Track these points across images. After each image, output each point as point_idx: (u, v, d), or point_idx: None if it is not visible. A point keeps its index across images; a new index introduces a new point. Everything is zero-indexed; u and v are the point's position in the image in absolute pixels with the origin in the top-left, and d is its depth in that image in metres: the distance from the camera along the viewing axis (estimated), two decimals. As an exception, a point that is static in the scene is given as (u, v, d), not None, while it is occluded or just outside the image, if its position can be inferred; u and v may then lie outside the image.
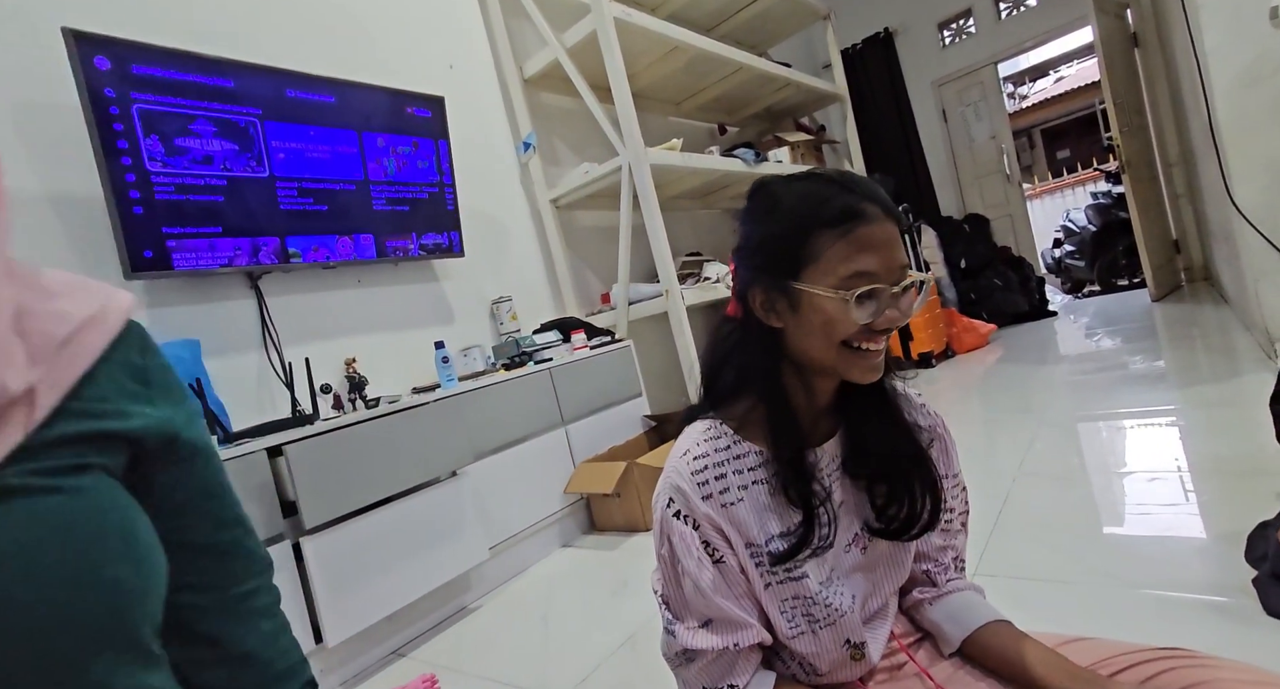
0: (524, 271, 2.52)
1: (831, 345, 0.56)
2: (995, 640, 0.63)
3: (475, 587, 1.70)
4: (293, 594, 1.28)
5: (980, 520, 1.34)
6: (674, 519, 0.60)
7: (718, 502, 0.60)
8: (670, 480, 0.61)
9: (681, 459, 0.61)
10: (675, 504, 0.60)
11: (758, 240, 0.60)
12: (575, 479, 1.98)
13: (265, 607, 0.50)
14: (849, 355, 0.57)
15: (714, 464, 0.60)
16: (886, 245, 0.54)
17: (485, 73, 2.53)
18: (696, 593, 0.59)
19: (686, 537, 0.59)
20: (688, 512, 0.59)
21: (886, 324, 0.55)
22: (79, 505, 0.34)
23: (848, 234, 0.54)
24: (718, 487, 0.60)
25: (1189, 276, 4.18)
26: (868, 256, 0.54)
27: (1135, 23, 3.98)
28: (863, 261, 0.54)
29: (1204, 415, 1.76)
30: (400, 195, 1.92)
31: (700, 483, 0.60)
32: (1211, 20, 1.97)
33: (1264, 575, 0.94)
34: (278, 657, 0.49)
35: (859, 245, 0.54)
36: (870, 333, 0.56)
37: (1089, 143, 9.32)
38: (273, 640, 0.49)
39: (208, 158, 1.45)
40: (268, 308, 1.70)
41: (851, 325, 0.55)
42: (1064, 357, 3.05)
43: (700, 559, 0.59)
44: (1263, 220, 1.96)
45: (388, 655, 1.47)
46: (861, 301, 0.54)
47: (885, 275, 0.54)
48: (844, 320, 0.54)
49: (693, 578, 0.59)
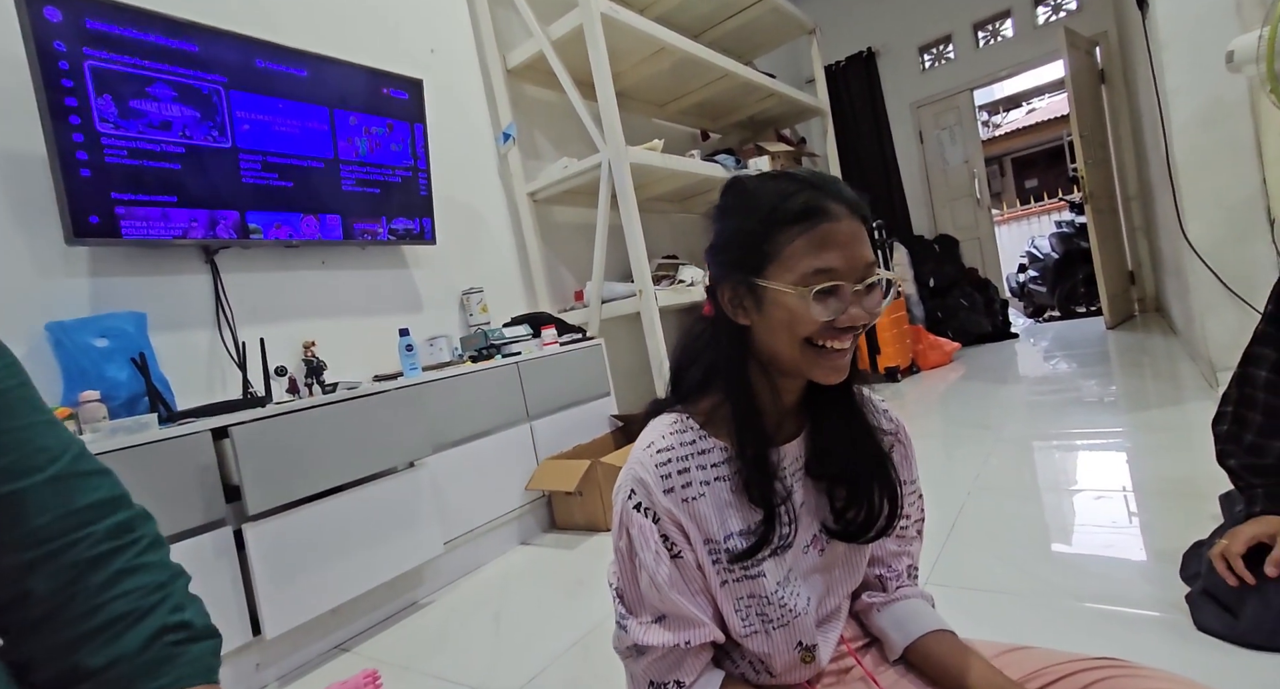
0: (497, 263, 2.48)
1: (795, 343, 0.56)
2: (937, 650, 0.64)
3: (428, 581, 1.65)
4: (231, 583, 1.23)
5: (935, 530, 1.36)
6: (634, 512, 0.59)
7: (679, 496, 0.59)
8: (633, 472, 0.60)
9: (645, 451, 0.60)
10: (636, 496, 0.59)
11: (726, 237, 0.60)
12: (538, 476, 1.95)
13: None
14: (813, 354, 0.56)
15: (678, 458, 0.60)
16: (850, 242, 0.54)
17: (467, 60, 2.49)
18: (652, 588, 0.58)
19: (646, 530, 0.58)
20: (649, 505, 0.58)
21: (849, 322, 0.55)
22: None
23: (810, 231, 0.54)
24: (680, 480, 0.59)
25: (1142, 307, 4.36)
26: (830, 253, 0.54)
27: (1103, 60, 4.15)
28: (824, 258, 0.54)
29: (1149, 439, 1.83)
30: (371, 177, 1.86)
31: (663, 476, 0.59)
32: (1173, 61, 2.06)
33: (1196, 592, 0.97)
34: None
35: (821, 242, 0.54)
36: (833, 331, 0.55)
37: (1056, 173, 9.69)
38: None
39: (165, 123, 1.38)
40: (223, 284, 1.63)
41: (813, 323, 0.54)
42: (1023, 377, 3.14)
43: (658, 553, 0.58)
44: (1211, 256, 2.05)
45: (330, 650, 1.41)
46: (822, 298, 0.54)
47: (848, 273, 0.54)
48: (805, 317, 0.54)
49: (649, 572, 0.58)
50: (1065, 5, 4.35)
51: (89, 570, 0.43)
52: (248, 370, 1.56)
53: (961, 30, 4.70)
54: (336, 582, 1.37)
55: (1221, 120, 1.99)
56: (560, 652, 1.21)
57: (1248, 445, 0.97)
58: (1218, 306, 2.05)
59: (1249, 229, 1.98)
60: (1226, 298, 2.02)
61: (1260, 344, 0.98)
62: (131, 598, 0.44)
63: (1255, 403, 0.97)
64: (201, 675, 0.45)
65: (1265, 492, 0.94)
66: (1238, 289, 2.00)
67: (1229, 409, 1.00)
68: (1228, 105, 1.96)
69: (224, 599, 1.21)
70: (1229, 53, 1.59)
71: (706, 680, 0.61)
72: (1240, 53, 1.55)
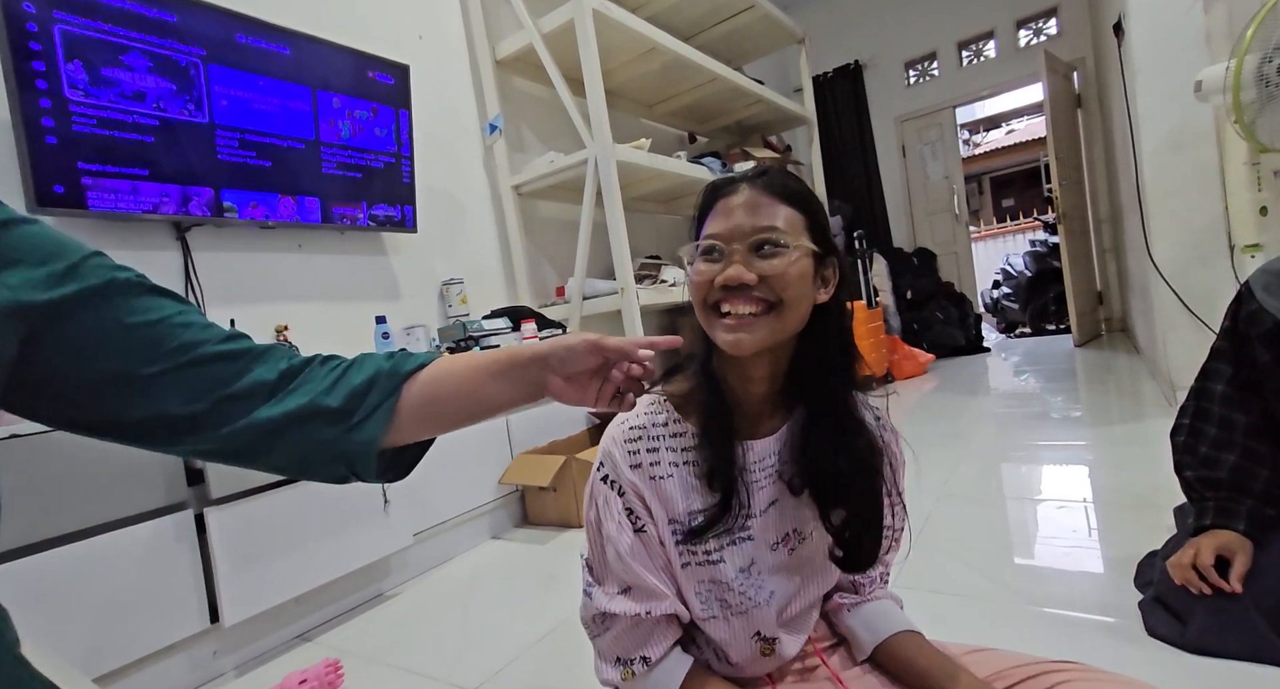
0: (479, 255, 2.46)
1: (701, 310, 0.59)
2: (904, 650, 0.66)
3: (395, 573, 1.63)
4: (190, 568, 1.19)
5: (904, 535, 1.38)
6: (601, 483, 0.61)
7: (647, 473, 0.60)
8: (604, 446, 0.62)
9: (619, 427, 0.62)
10: (604, 469, 0.61)
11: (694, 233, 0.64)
12: (512, 470, 1.94)
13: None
14: (712, 318, 0.58)
15: (649, 436, 0.61)
16: (740, 209, 0.57)
17: (456, 48, 2.47)
18: (617, 558, 0.59)
19: (611, 501, 0.60)
20: (614, 477, 0.60)
21: (724, 280, 0.56)
22: None
23: (711, 209, 0.60)
24: (649, 458, 0.60)
25: (1108, 326, 4.49)
26: (718, 221, 0.58)
27: (1080, 85, 4.28)
28: (712, 226, 0.58)
29: (1111, 453, 1.88)
30: (353, 161, 1.83)
31: (631, 451, 0.60)
32: (1146, 87, 2.13)
33: (1148, 600, 1.00)
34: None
35: (715, 215, 0.59)
36: (723, 293, 0.57)
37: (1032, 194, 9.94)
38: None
39: (139, 94, 1.34)
40: (194, 262, 1.58)
41: (697, 284, 0.58)
42: (994, 391, 3.21)
43: (621, 523, 0.59)
44: (1175, 278, 2.12)
45: (292, 639, 1.38)
46: (705, 258, 0.58)
47: (731, 236, 0.57)
48: (694, 281, 0.59)
49: (613, 542, 0.59)
50: (1046, 29, 4.48)
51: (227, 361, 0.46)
52: (216, 352, 1.52)
53: (946, 48, 4.80)
54: (300, 570, 1.34)
55: (1189, 147, 2.06)
56: (528, 645, 1.20)
57: (1202, 457, 0.99)
58: (1179, 327, 2.12)
59: (1211, 253, 2.06)
60: (1188, 319, 2.09)
61: (1216, 359, 1.01)
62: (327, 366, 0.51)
63: (1210, 416, 1.00)
64: (421, 357, 0.54)
65: (1216, 505, 0.96)
66: (1198, 311, 2.07)
67: (1186, 421, 1.04)
68: (1195, 133, 2.04)
69: (182, 585, 1.18)
70: (1197, 82, 1.65)
71: (675, 661, 0.62)
72: (1208, 83, 1.61)
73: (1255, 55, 1.46)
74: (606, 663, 0.63)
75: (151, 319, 0.43)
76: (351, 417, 0.48)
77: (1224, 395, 0.98)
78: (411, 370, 0.52)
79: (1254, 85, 1.49)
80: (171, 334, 0.43)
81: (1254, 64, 1.47)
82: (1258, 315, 0.93)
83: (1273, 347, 0.92)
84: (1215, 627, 0.89)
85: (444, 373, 0.53)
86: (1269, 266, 0.94)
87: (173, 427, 0.43)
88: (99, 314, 0.41)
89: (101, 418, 0.42)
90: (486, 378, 0.53)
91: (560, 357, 0.52)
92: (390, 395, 0.50)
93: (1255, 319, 0.93)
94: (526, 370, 0.53)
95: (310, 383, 0.48)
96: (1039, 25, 4.50)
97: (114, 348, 0.41)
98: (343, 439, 0.48)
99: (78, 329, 0.40)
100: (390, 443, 0.51)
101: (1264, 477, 0.94)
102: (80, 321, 0.40)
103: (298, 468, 0.49)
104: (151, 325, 0.43)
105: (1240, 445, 0.96)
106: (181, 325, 0.44)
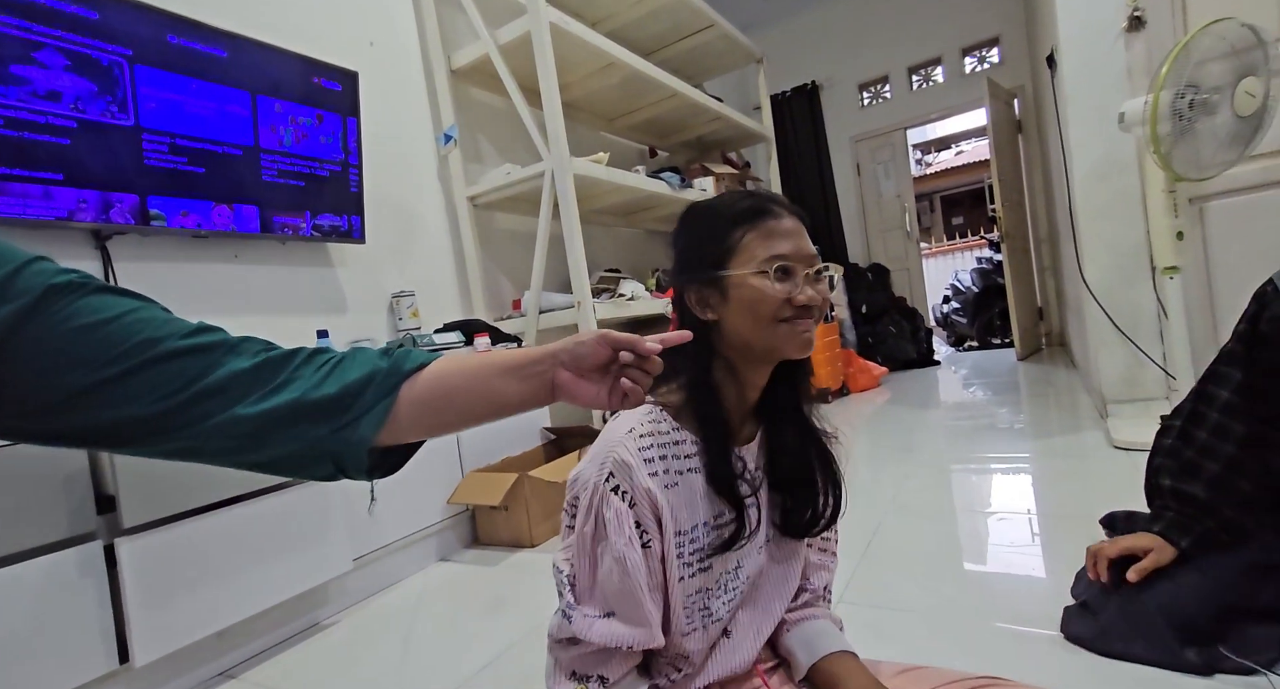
0: (432, 268, 2.40)
1: (761, 323, 0.61)
2: (835, 671, 0.66)
3: (333, 601, 1.55)
4: (97, 604, 1.10)
5: (851, 549, 1.39)
6: (611, 493, 0.58)
7: (661, 481, 0.59)
8: (614, 454, 0.58)
9: (628, 435, 0.60)
10: (615, 478, 0.58)
11: (687, 247, 0.66)
12: (461, 489, 1.88)
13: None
14: (784, 329, 0.61)
15: (658, 445, 0.61)
16: (795, 234, 0.62)
17: (409, 56, 2.42)
18: (611, 576, 0.57)
19: (621, 513, 0.57)
20: (628, 488, 0.58)
21: (806, 300, 0.60)
22: None
23: (759, 226, 0.62)
24: (661, 467, 0.60)
25: (1048, 341, 4.70)
26: (780, 242, 0.61)
27: (1020, 111, 4.50)
28: (776, 246, 0.61)
29: (1050, 464, 1.95)
30: (296, 168, 1.76)
31: (647, 459, 0.59)
32: (1076, 116, 2.25)
33: (1075, 605, 1.03)
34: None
35: (771, 234, 0.61)
36: (795, 310, 0.60)
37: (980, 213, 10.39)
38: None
39: (54, 94, 1.26)
40: (115, 273, 1.49)
41: (775, 300, 0.60)
42: (943, 403, 3.30)
43: (631, 538, 0.57)
44: (1104, 297, 2.23)
45: (213, 677, 1.29)
46: (781, 277, 0.60)
47: (798, 258, 0.61)
48: (768, 296, 0.60)
49: (618, 556, 0.57)
50: (990, 57, 4.71)
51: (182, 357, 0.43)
52: (139, 368, 1.43)
53: (897, 72, 5.00)
54: (225, 602, 1.25)
55: (1115, 174, 2.18)
56: (472, 673, 1.15)
57: (1185, 462, 0.97)
58: (1110, 345, 2.23)
59: (1135, 274, 2.17)
60: (1117, 337, 2.20)
61: (1225, 363, 0.94)
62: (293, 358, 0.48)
63: (1205, 421, 0.95)
64: (420, 356, 0.52)
65: (1174, 518, 0.96)
66: (1125, 329, 2.18)
67: (1177, 423, 1.00)
68: (1120, 161, 2.16)
69: (85, 623, 1.08)
70: (1120, 114, 1.75)
71: (630, 685, 0.61)
72: (1130, 115, 1.71)
73: (1170, 91, 1.56)
74: (562, 674, 0.61)
75: (103, 318, 0.41)
76: (345, 415, 0.47)
77: (1227, 402, 0.93)
78: (412, 369, 0.51)
79: (1169, 119, 1.58)
80: (126, 332, 0.41)
81: (1169, 99, 1.56)
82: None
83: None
84: (1124, 631, 0.92)
85: (448, 372, 0.51)
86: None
87: (147, 427, 0.42)
88: (44, 326, 0.39)
89: (72, 428, 0.41)
90: (494, 376, 0.51)
91: (570, 350, 0.51)
92: (388, 395, 0.49)
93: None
94: (536, 366, 0.52)
95: (300, 379, 0.46)
96: (983, 53, 4.73)
97: (68, 356, 0.39)
98: (334, 438, 0.47)
99: (24, 346, 0.38)
100: (384, 442, 0.49)
101: (1244, 489, 0.91)
102: (26, 338, 0.38)
103: (286, 466, 0.47)
104: (103, 325, 0.40)
105: (1227, 455, 0.92)
106: (138, 322, 0.42)
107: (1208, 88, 1.55)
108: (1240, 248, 1.98)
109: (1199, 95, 1.55)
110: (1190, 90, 1.55)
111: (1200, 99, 1.55)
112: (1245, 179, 1.95)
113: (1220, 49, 1.52)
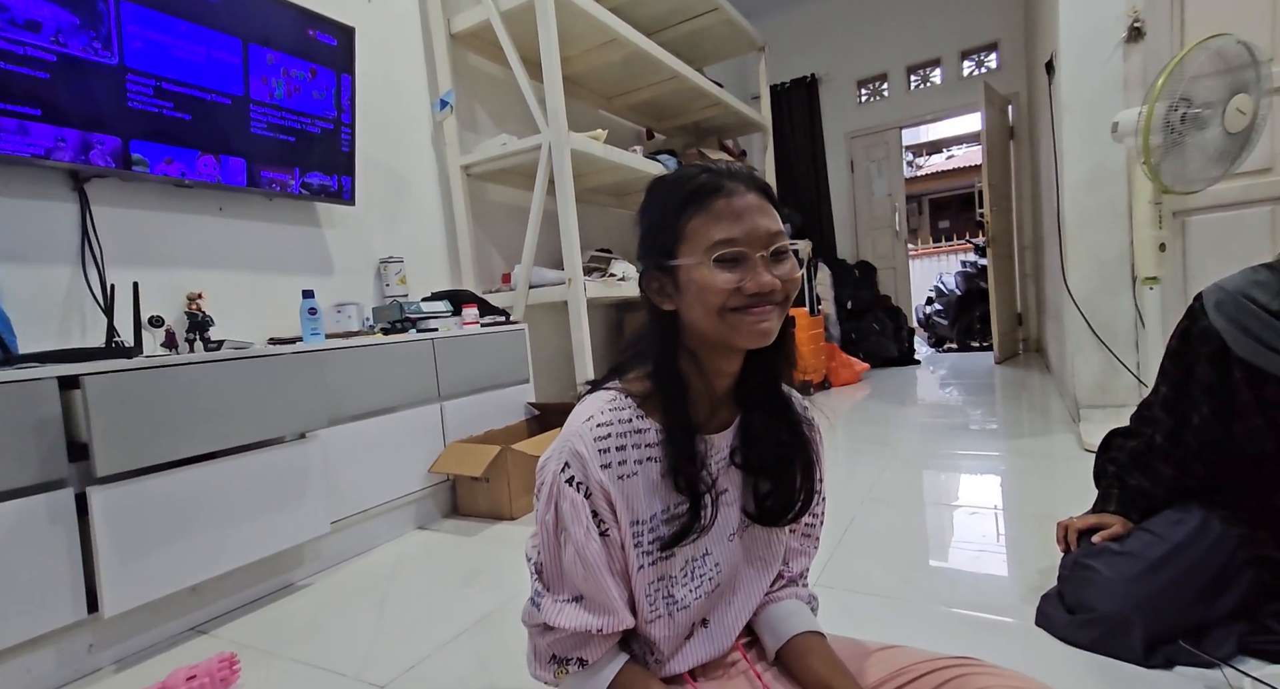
0: (422, 235, 2.36)
1: (711, 315, 0.57)
2: (802, 650, 0.67)
3: (309, 562, 1.54)
4: (66, 552, 1.08)
5: (828, 536, 1.42)
6: (566, 485, 0.57)
7: (615, 472, 0.58)
8: (570, 445, 0.58)
9: (585, 424, 0.59)
10: (570, 469, 0.58)
11: (644, 230, 0.63)
12: (443, 459, 1.87)
13: None
14: (734, 320, 0.57)
15: (616, 434, 0.59)
16: (748, 214, 0.56)
17: (408, 16, 2.36)
18: (575, 564, 0.57)
19: (577, 504, 0.57)
20: (582, 478, 0.57)
21: (757, 288, 0.56)
22: None
23: (707, 208, 0.57)
24: (617, 457, 0.59)
25: (1026, 346, 4.81)
26: (727, 224, 0.56)
27: (1014, 118, 4.55)
28: (721, 230, 0.56)
29: (1020, 464, 2.01)
30: (286, 123, 1.71)
31: (601, 450, 0.58)
32: (1071, 124, 2.28)
33: (1052, 593, 1.06)
34: None
35: (717, 216, 0.56)
36: (748, 300, 0.56)
37: (966, 218, 10.55)
38: None
39: (33, 24, 1.19)
40: (93, 217, 1.44)
41: (720, 292, 0.56)
42: (921, 401, 3.36)
43: (589, 528, 0.57)
44: (1085, 304, 2.28)
45: (184, 631, 1.28)
46: (726, 266, 0.56)
47: (749, 241, 0.56)
48: (713, 287, 0.56)
49: (578, 547, 0.57)
50: (987, 62, 4.74)
51: None
52: (115, 316, 1.39)
53: (896, 71, 5.01)
54: (199, 556, 1.23)
55: (1104, 184, 2.22)
56: (446, 641, 1.16)
57: (1130, 450, 1.08)
58: (1087, 351, 2.29)
59: (1117, 284, 2.23)
60: (1094, 343, 2.26)
61: (1168, 364, 1.01)
62: None
63: (1148, 414, 1.07)
64: None
65: (1120, 497, 1.06)
66: (1104, 336, 2.24)
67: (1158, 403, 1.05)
68: (1110, 171, 2.20)
69: (54, 570, 1.06)
70: (1114, 124, 1.77)
71: (609, 662, 0.61)
72: (1123, 125, 1.73)
73: (1164, 103, 1.58)
74: (540, 660, 0.62)
75: None
76: None
77: (1164, 398, 1.01)
78: None
79: (1161, 131, 1.61)
80: None
81: (1162, 111, 1.59)
82: (1208, 333, 0.92)
83: (1217, 365, 0.91)
84: (1089, 622, 0.94)
85: None
86: (1224, 283, 0.93)
87: None
88: None
89: None
90: None
91: None
92: None
93: (1206, 336, 0.92)
94: None
95: None
96: (981, 57, 4.76)
97: None
98: None
99: None
100: None
101: (1167, 473, 1.01)
102: None
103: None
104: None
105: (1158, 446, 1.02)
106: None
107: (1200, 102, 1.58)
108: (1217, 263, 2.04)
109: (1191, 109, 1.58)
110: (1183, 104, 1.58)
111: (1193, 113, 1.58)
112: (1228, 196, 2.01)
113: (1215, 65, 1.55)
